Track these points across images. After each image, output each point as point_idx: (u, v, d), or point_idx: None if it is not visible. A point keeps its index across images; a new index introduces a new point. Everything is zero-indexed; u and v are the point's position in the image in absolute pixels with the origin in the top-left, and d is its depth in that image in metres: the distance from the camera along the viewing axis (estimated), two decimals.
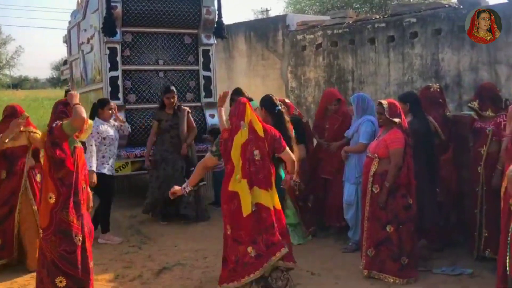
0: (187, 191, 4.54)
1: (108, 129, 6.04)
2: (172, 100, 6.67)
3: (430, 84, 5.75)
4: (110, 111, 6.13)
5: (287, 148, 4.50)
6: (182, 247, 5.88)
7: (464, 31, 6.41)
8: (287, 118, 4.89)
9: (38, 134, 5.26)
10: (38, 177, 5.30)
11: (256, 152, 4.28)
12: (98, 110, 6.14)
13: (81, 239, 4.00)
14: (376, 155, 4.88)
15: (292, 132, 4.89)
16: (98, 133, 5.88)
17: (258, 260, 4.18)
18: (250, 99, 5.01)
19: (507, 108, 4.62)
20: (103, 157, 5.95)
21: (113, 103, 6.25)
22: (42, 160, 4.59)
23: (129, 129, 6.61)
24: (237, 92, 6.26)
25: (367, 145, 5.43)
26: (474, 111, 5.28)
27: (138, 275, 5.08)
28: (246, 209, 4.19)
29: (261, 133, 4.34)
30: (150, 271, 5.16)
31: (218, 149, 4.44)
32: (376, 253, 4.83)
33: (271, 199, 4.30)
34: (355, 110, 5.76)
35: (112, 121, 6.20)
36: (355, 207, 5.64)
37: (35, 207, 5.16)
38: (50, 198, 3.96)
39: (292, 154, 4.55)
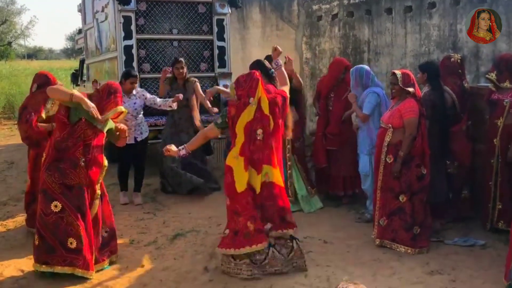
0: (182, 154, 4.45)
1: (125, 104, 6.06)
2: (181, 71, 6.63)
3: (452, 54, 5.67)
4: (131, 85, 6.15)
5: (288, 112, 4.48)
6: (195, 215, 5.96)
7: (483, 1, 6.31)
8: (277, 82, 4.75)
9: None
10: None
11: (260, 131, 4.22)
12: (121, 80, 6.19)
13: (59, 207, 4.19)
14: (390, 126, 4.87)
15: (287, 94, 4.72)
16: None
17: (260, 234, 4.21)
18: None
19: None
20: None
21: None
22: None
23: (173, 105, 6.34)
24: (259, 64, 6.23)
25: (368, 116, 5.54)
26: (492, 83, 5.22)
27: (153, 240, 5.17)
28: (240, 185, 4.20)
29: (267, 111, 4.24)
30: (165, 237, 5.25)
31: (224, 121, 4.36)
32: (388, 223, 4.86)
33: (259, 181, 4.24)
34: (352, 82, 5.77)
35: (136, 92, 6.25)
36: (371, 177, 5.65)
37: None
38: (43, 157, 4.39)
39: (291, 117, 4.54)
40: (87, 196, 4.30)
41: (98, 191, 4.40)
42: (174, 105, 6.28)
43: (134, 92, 6.23)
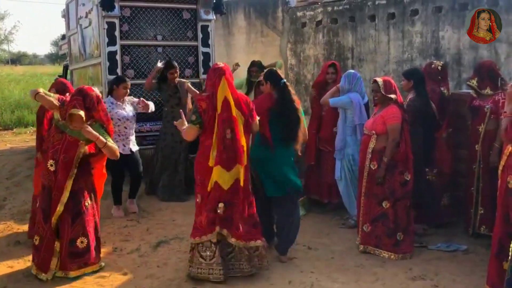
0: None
1: (119, 110, 6.05)
2: (175, 75, 6.81)
3: (434, 61, 5.75)
4: (124, 90, 6.13)
5: (257, 121, 4.45)
6: (179, 222, 5.92)
7: (465, 8, 6.40)
8: (292, 90, 4.77)
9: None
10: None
11: (228, 131, 4.18)
12: (112, 87, 6.18)
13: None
14: (374, 132, 4.90)
15: (299, 104, 4.78)
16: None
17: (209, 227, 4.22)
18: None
19: (505, 86, 4.62)
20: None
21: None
22: None
23: (153, 108, 6.41)
24: (256, 65, 6.28)
25: (328, 102, 5.72)
26: (473, 89, 5.29)
27: (136, 248, 5.13)
28: (224, 184, 4.19)
29: (234, 112, 4.21)
30: (148, 244, 5.21)
31: (198, 117, 4.26)
32: (372, 229, 4.88)
33: (229, 179, 4.20)
34: (341, 84, 5.82)
35: (127, 99, 6.24)
36: (344, 182, 5.71)
37: None
38: None
39: (257, 127, 4.49)
40: (53, 200, 4.37)
41: (64, 197, 4.35)
42: (151, 107, 6.34)
43: (126, 99, 6.21)
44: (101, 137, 4.41)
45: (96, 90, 4.57)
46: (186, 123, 4.38)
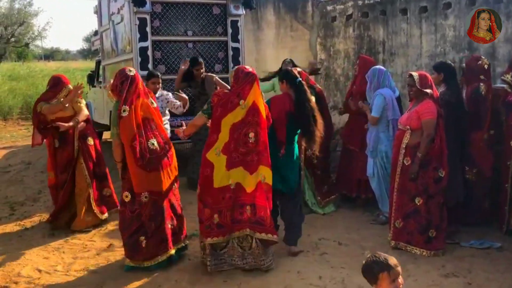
0: (180, 136, 4.62)
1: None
2: (201, 71, 6.86)
3: (481, 57, 5.52)
4: (154, 85, 6.20)
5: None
6: None
7: (499, 1, 6.26)
8: (308, 89, 4.82)
9: (82, 103, 5.70)
10: (90, 141, 5.70)
11: (252, 135, 4.25)
12: (144, 82, 6.27)
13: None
14: (409, 127, 4.84)
15: (314, 104, 4.84)
16: None
17: (220, 230, 4.29)
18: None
19: None
20: None
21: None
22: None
23: (181, 108, 6.35)
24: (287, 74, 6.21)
25: (376, 118, 5.58)
26: (508, 84, 5.17)
27: None
28: (217, 181, 4.27)
29: (264, 116, 4.31)
30: None
31: (209, 107, 4.39)
32: (404, 225, 4.83)
33: (253, 181, 4.27)
34: (368, 85, 5.82)
35: (163, 95, 6.32)
36: (376, 179, 5.67)
37: (86, 172, 5.57)
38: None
39: None
40: None
41: None
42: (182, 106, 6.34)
43: (157, 94, 6.27)
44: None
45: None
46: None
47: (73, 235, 5.44)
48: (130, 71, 4.51)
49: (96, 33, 11.09)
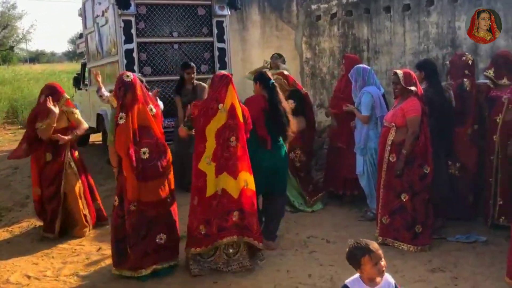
0: None
1: None
2: (192, 75, 6.84)
3: (466, 54, 5.60)
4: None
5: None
6: None
7: None
8: (280, 91, 5.02)
9: (77, 113, 5.62)
10: (76, 152, 5.67)
11: (233, 138, 4.31)
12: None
13: None
14: (394, 124, 4.90)
15: (286, 104, 5.01)
16: None
17: (206, 239, 4.32)
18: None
19: None
20: None
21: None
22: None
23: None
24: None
25: (367, 117, 5.64)
26: (490, 80, 5.25)
27: None
28: (210, 190, 4.31)
29: (241, 118, 4.37)
30: None
31: (189, 120, 4.47)
32: (390, 221, 4.90)
33: (237, 187, 4.32)
34: (353, 84, 5.89)
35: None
36: (366, 176, 5.73)
37: (79, 180, 5.55)
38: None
39: None
40: None
41: None
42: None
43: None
44: None
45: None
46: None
47: (63, 240, 5.42)
48: (128, 76, 4.41)
49: (81, 35, 11.04)
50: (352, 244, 2.83)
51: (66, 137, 5.38)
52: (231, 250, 4.41)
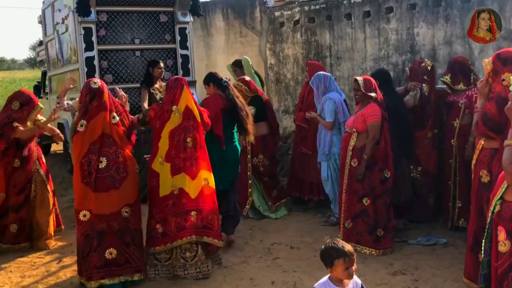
0: None
1: None
2: (160, 70, 6.70)
3: (425, 60, 5.73)
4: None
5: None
6: None
7: (438, 4, 6.49)
8: (234, 88, 5.19)
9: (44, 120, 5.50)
10: (43, 158, 5.60)
11: (189, 139, 4.34)
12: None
13: None
14: (355, 130, 4.96)
15: (242, 100, 5.16)
16: None
17: (164, 238, 4.33)
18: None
19: (477, 82, 4.70)
20: None
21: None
22: None
23: None
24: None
25: (332, 123, 5.71)
26: (447, 85, 5.38)
27: None
28: (163, 190, 4.32)
29: (199, 119, 4.41)
30: None
31: (144, 120, 4.50)
32: (353, 225, 4.95)
33: (195, 187, 4.34)
34: (314, 92, 5.96)
35: None
36: (330, 182, 5.78)
37: (49, 188, 5.46)
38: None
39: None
40: None
41: None
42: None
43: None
44: None
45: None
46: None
47: (21, 252, 5.27)
48: (95, 83, 4.35)
49: (41, 43, 10.84)
50: (329, 243, 2.89)
51: (62, 137, 5.58)
52: (188, 254, 4.39)
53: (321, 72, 6.02)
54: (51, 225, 5.45)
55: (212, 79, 5.14)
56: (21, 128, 5.25)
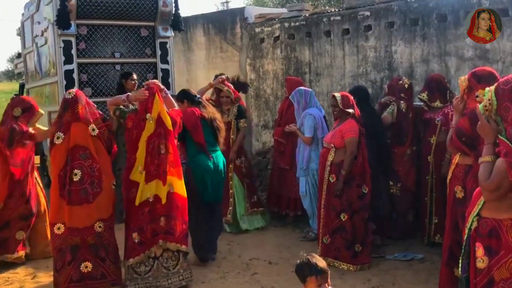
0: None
1: None
2: (133, 83, 6.64)
3: (403, 78, 5.84)
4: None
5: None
6: None
7: (415, 23, 6.62)
8: (207, 103, 5.36)
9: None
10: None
11: (162, 146, 4.38)
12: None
13: None
14: (333, 145, 5.00)
15: (218, 115, 5.25)
16: None
17: (141, 247, 4.32)
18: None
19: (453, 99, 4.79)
20: None
21: None
22: None
23: None
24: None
25: (311, 138, 5.77)
26: (424, 102, 5.47)
27: None
28: (139, 198, 4.32)
29: (170, 127, 4.44)
30: None
31: (122, 118, 4.50)
32: (331, 241, 4.97)
33: (165, 192, 4.37)
34: (295, 106, 6.02)
35: None
36: (308, 197, 5.81)
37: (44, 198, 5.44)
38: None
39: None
40: None
41: None
42: None
43: None
44: None
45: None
46: None
47: None
48: (69, 93, 4.34)
49: (19, 55, 10.73)
50: (303, 259, 2.92)
51: None
52: (170, 262, 4.40)
53: (303, 88, 6.08)
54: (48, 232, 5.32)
55: (185, 95, 5.21)
56: (34, 132, 5.24)
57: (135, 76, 6.76)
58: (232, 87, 6.33)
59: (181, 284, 4.40)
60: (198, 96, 5.22)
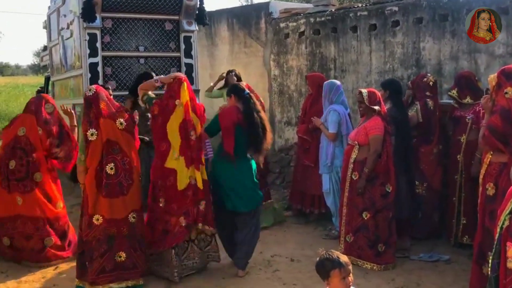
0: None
1: None
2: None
3: (427, 75, 5.69)
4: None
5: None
6: None
7: (445, 19, 6.47)
8: (256, 101, 4.93)
9: None
10: None
11: (193, 132, 4.46)
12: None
13: None
14: (357, 143, 4.91)
15: (264, 114, 4.93)
16: None
17: (187, 230, 4.44)
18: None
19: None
20: None
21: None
22: None
23: None
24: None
25: (334, 134, 5.64)
26: (454, 99, 5.33)
27: None
28: (181, 183, 4.39)
29: (196, 114, 4.55)
30: None
31: (151, 100, 4.55)
32: (354, 240, 4.87)
33: (201, 176, 4.49)
34: (323, 97, 5.89)
35: None
36: (332, 194, 5.72)
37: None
38: None
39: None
40: None
41: None
42: None
43: None
44: None
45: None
46: None
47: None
48: (90, 90, 4.40)
49: (45, 48, 10.83)
50: (324, 255, 2.86)
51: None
52: (203, 244, 4.60)
53: (336, 83, 5.94)
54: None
55: (233, 91, 4.86)
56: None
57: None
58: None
59: (208, 262, 4.70)
60: (247, 91, 4.85)
